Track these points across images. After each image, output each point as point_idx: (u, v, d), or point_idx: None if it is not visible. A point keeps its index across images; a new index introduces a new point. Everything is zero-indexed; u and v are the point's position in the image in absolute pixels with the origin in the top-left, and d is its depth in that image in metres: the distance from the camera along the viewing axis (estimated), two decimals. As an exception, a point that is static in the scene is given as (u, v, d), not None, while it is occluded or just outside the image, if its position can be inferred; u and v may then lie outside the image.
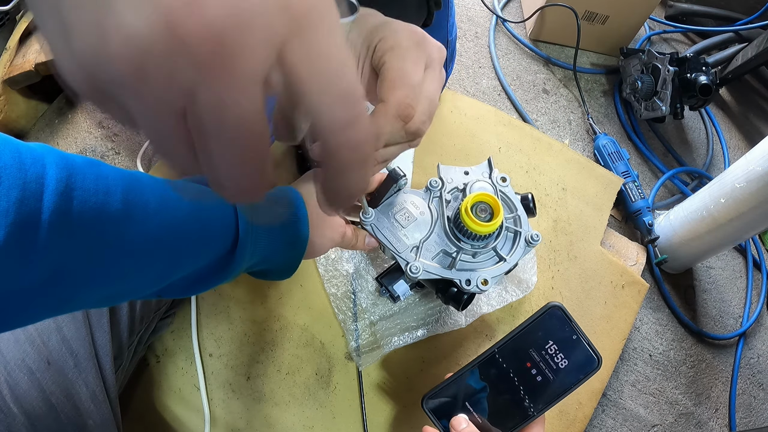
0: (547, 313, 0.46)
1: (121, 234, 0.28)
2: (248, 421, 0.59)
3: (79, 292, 0.28)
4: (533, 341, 0.45)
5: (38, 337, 0.42)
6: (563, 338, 0.45)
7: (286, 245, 0.40)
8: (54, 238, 0.25)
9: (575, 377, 0.44)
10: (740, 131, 1.05)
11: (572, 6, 0.94)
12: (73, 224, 0.26)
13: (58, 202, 0.25)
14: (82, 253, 0.26)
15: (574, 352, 0.45)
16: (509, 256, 0.49)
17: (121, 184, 0.29)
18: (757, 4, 1.05)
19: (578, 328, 0.45)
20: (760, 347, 0.83)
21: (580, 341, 0.45)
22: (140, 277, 0.31)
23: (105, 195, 0.27)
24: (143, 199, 0.30)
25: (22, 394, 0.40)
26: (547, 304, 0.46)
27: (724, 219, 0.70)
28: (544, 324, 0.46)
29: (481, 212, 0.47)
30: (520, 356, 0.45)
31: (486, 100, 0.96)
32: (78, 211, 0.26)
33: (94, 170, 0.28)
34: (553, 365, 0.45)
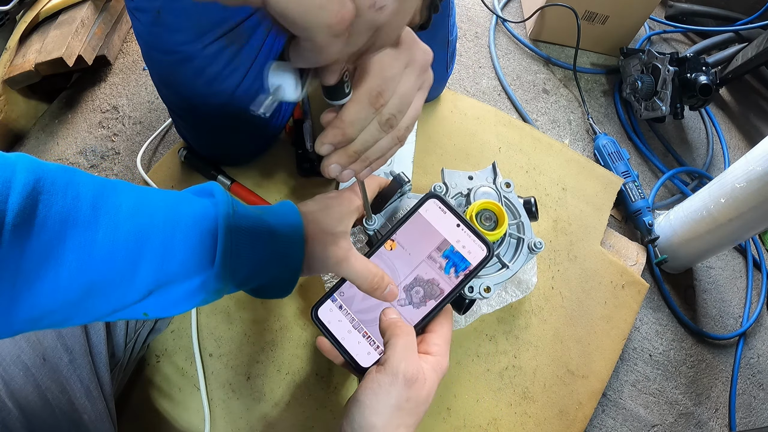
0: (425, 205, 0.44)
1: (86, 238, 0.28)
2: (248, 421, 0.59)
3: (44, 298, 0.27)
4: (418, 234, 0.43)
5: (33, 334, 0.42)
6: (448, 228, 0.43)
7: (275, 256, 0.38)
8: (16, 239, 0.25)
9: (464, 266, 0.42)
10: (740, 131, 1.05)
11: (572, 6, 0.94)
12: (36, 226, 0.26)
13: (22, 204, 0.25)
14: (41, 256, 0.27)
15: (460, 242, 0.43)
16: (512, 263, 0.49)
17: (92, 189, 0.29)
18: (757, 4, 1.05)
19: (461, 216, 0.43)
20: (760, 347, 0.83)
21: (464, 230, 0.43)
22: (109, 283, 0.30)
23: (73, 200, 0.28)
24: (114, 204, 0.30)
25: (17, 389, 0.40)
26: (424, 195, 0.44)
27: (724, 219, 0.70)
28: (425, 216, 0.43)
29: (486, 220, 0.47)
30: (406, 249, 0.43)
31: (486, 100, 0.96)
32: (43, 215, 0.26)
33: (65, 176, 0.28)
34: (441, 257, 0.43)
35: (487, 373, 0.64)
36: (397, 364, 0.35)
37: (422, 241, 0.43)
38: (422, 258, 0.43)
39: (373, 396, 0.35)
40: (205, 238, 0.34)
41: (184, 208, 0.34)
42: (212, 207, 0.35)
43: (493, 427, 0.61)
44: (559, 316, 0.68)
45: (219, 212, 0.35)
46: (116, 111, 0.88)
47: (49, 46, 0.79)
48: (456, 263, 0.42)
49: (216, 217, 0.34)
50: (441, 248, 0.42)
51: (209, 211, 0.35)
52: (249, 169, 0.74)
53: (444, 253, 0.42)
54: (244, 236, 0.35)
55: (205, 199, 0.36)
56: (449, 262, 0.42)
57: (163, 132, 0.85)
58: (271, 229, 0.38)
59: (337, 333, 0.42)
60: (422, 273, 0.42)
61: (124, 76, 0.92)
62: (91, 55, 0.85)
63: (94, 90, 0.90)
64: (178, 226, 0.33)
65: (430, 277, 0.42)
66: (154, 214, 0.32)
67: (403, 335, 0.38)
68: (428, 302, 0.42)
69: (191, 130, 0.70)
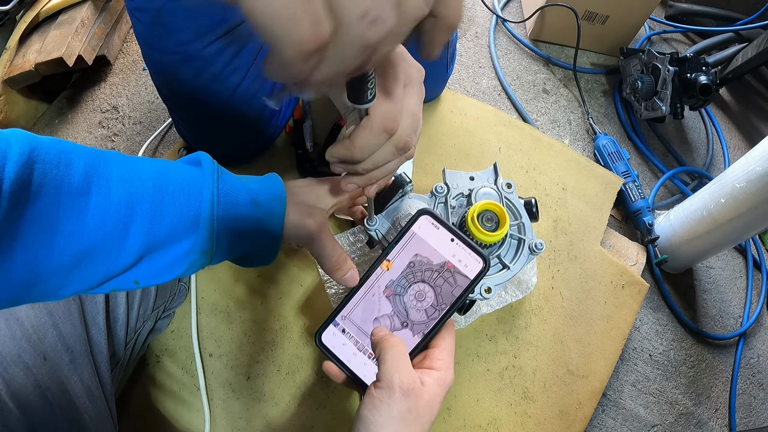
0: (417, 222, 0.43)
1: (80, 204, 0.30)
2: (248, 421, 0.59)
3: (40, 263, 0.29)
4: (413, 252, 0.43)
5: (34, 334, 0.42)
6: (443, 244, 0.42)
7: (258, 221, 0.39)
8: (13, 207, 0.26)
9: (465, 281, 0.42)
10: (740, 131, 1.05)
11: (572, 6, 0.94)
12: (33, 194, 0.27)
13: (18, 172, 0.27)
14: (38, 222, 0.28)
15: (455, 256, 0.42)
16: (513, 263, 0.49)
17: (84, 158, 0.30)
18: (757, 4, 1.05)
19: (454, 231, 0.42)
20: (760, 347, 0.83)
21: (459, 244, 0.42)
22: (104, 246, 0.31)
23: (66, 167, 0.29)
24: (106, 172, 0.31)
25: (18, 389, 0.40)
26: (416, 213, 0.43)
27: (724, 219, 0.70)
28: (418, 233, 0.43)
29: (488, 221, 0.47)
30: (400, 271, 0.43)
31: (486, 100, 0.96)
32: (38, 183, 0.28)
33: (58, 146, 0.29)
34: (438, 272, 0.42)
35: (487, 373, 0.64)
36: (390, 376, 0.35)
37: (418, 259, 0.43)
38: (420, 275, 0.42)
39: (375, 411, 0.35)
40: (191, 203, 0.35)
41: (172, 174, 0.35)
42: (198, 173, 0.36)
43: (493, 427, 0.61)
44: (559, 316, 0.68)
45: (205, 178, 0.36)
46: (116, 111, 0.88)
47: (49, 46, 0.79)
48: (453, 278, 0.42)
49: (201, 183, 0.36)
50: (437, 264, 0.42)
51: (195, 177, 0.36)
52: (249, 169, 0.74)
53: (440, 269, 0.42)
54: (229, 201, 0.37)
55: (192, 167, 0.37)
56: (446, 278, 0.42)
57: (163, 132, 0.85)
58: (255, 196, 0.39)
59: (342, 356, 0.42)
60: (421, 290, 0.42)
61: (124, 76, 0.92)
62: (91, 55, 0.85)
63: (94, 90, 0.90)
64: (166, 191, 0.34)
65: (429, 294, 0.42)
66: (143, 180, 0.33)
67: (391, 348, 0.37)
68: (428, 319, 0.42)
69: (191, 130, 0.70)
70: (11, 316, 0.42)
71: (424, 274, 0.42)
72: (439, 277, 0.42)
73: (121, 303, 0.50)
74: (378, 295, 0.42)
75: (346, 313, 0.43)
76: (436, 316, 0.41)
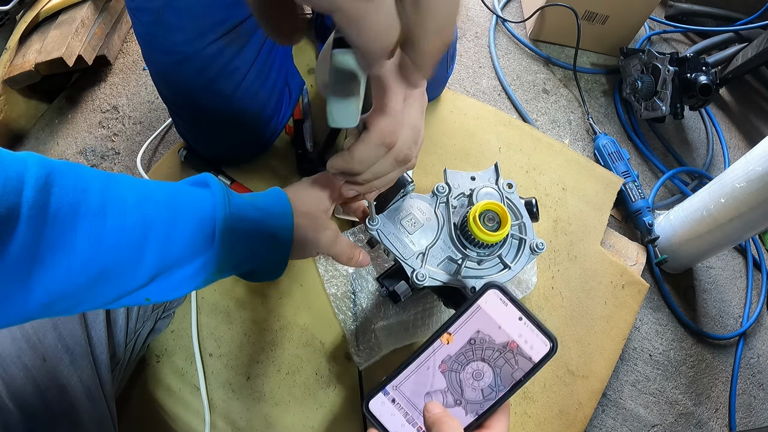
0: (484, 296, 0.41)
1: (96, 227, 0.30)
2: (248, 421, 0.59)
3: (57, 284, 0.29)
4: (475, 328, 0.41)
5: (34, 335, 0.42)
6: (509, 321, 0.41)
7: (267, 238, 0.40)
8: (31, 231, 0.27)
9: (528, 364, 0.40)
10: (740, 131, 1.05)
11: (572, 6, 0.94)
12: (50, 217, 0.28)
13: (36, 197, 0.27)
14: (56, 245, 0.28)
15: (522, 336, 0.41)
16: (514, 263, 0.49)
17: (99, 182, 0.31)
18: (757, 4, 1.05)
19: (524, 309, 0.40)
20: (760, 347, 0.83)
21: (527, 324, 0.41)
22: (118, 268, 0.32)
23: (83, 192, 0.30)
24: (121, 195, 0.32)
25: (17, 390, 0.40)
26: (484, 285, 0.41)
27: (724, 219, 0.70)
28: (484, 308, 0.41)
29: (489, 221, 0.46)
30: (459, 347, 0.41)
31: (486, 100, 0.96)
32: (55, 207, 0.28)
33: (74, 170, 0.30)
34: (499, 352, 0.40)
35: (487, 373, 0.64)
36: None
37: (480, 336, 0.41)
38: (481, 353, 0.41)
39: None
40: (203, 224, 0.36)
41: (183, 197, 0.36)
42: (209, 195, 0.37)
43: (493, 427, 0.61)
44: (559, 316, 0.68)
45: (216, 200, 0.37)
46: (116, 111, 0.88)
47: (49, 46, 0.79)
48: (515, 359, 0.40)
49: (213, 204, 0.36)
50: (500, 343, 0.40)
51: (206, 199, 0.37)
52: (249, 169, 0.74)
53: (503, 349, 0.40)
54: (239, 221, 0.38)
55: (201, 189, 0.38)
56: (508, 359, 0.40)
57: (163, 132, 0.85)
58: (263, 214, 0.40)
59: (389, 426, 0.40)
60: (480, 369, 0.40)
61: (124, 76, 0.92)
62: (91, 55, 0.85)
63: (94, 90, 0.90)
64: (178, 214, 0.35)
65: (488, 374, 0.40)
66: (156, 203, 0.34)
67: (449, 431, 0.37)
68: (484, 399, 0.40)
69: (191, 130, 0.70)
70: None
71: (485, 352, 0.40)
72: (501, 358, 0.40)
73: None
74: (433, 369, 0.41)
75: (397, 383, 0.41)
76: (492, 397, 0.40)
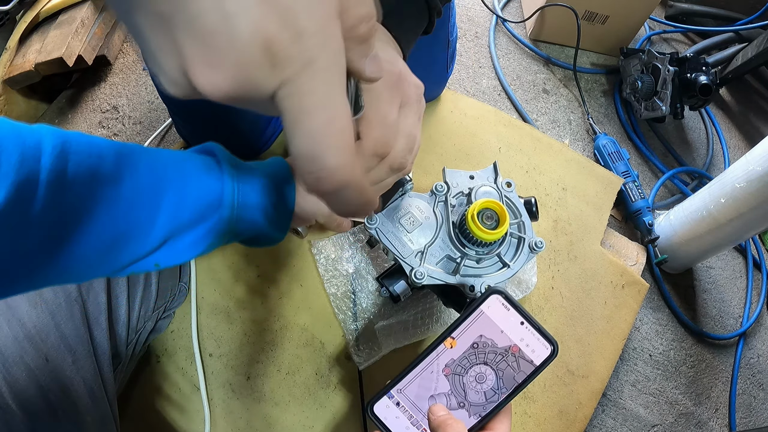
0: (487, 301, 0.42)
1: (112, 192, 0.31)
2: (248, 421, 0.59)
3: (74, 245, 0.30)
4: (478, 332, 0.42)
5: (37, 335, 0.42)
6: (511, 326, 0.41)
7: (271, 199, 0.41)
8: (51, 196, 0.28)
9: (530, 367, 0.41)
10: (740, 131, 1.05)
11: (572, 6, 0.94)
12: (68, 183, 0.29)
13: (54, 163, 0.28)
14: (75, 209, 0.29)
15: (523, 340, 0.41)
16: (513, 262, 0.49)
17: (113, 149, 0.32)
18: (757, 4, 1.05)
19: (525, 313, 0.41)
20: (760, 347, 0.83)
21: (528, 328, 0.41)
22: (133, 231, 0.33)
23: (98, 158, 0.31)
24: (133, 161, 0.33)
25: (20, 391, 0.40)
26: (487, 291, 0.42)
27: (724, 219, 0.70)
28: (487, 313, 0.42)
29: (487, 219, 0.46)
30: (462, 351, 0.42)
31: (486, 100, 0.96)
32: (73, 172, 0.29)
33: (87, 139, 0.31)
34: (502, 356, 0.41)
35: (487, 373, 0.64)
36: None
37: (483, 340, 0.41)
38: (483, 357, 0.41)
39: None
40: (212, 189, 0.37)
41: (191, 162, 0.38)
42: (214, 161, 0.39)
43: (493, 427, 0.61)
44: (559, 316, 0.68)
45: (221, 165, 0.39)
46: (116, 111, 0.88)
47: (49, 46, 0.79)
48: (517, 363, 0.41)
49: (219, 169, 0.38)
50: (502, 347, 0.41)
51: (213, 164, 0.39)
52: (249, 169, 0.74)
53: (505, 353, 0.41)
54: (245, 185, 0.40)
55: (207, 155, 0.40)
56: (510, 362, 0.41)
57: (163, 132, 0.85)
58: (267, 178, 0.42)
59: (394, 429, 0.41)
60: (482, 372, 0.41)
61: (124, 76, 0.92)
62: (91, 55, 0.85)
63: (94, 90, 0.90)
64: (188, 178, 0.36)
65: (491, 377, 0.41)
66: (167, 169, 0.35)
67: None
68: (487, 402, 0.41)
69: (191, 131, 0.70)
70: (13, 318, 0.42)
71: (488, 356, 0.41)
72: (503, 361, 0.41)
73: (123, 303, 0.50)
74: (437, 372, 0.41)
75: (401, 386, 0.42)
76: (495, 399, 0.40)
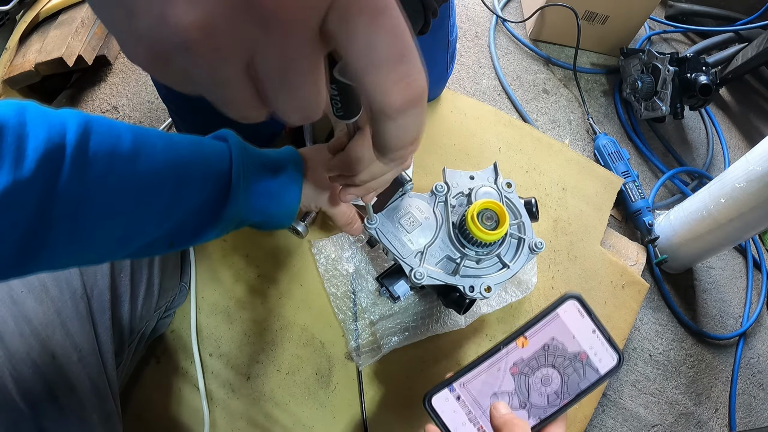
0: (563, 305, 0.42)
1: (131, 169, 0.33)
2: (248, 421, 0.59)
3: (96, 222, 0.32)
4: (551, 335, 0.42)
5: (43, 332, 0.42)
6: (583, 332, 0.42)
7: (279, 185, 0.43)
8: (75, 171, 0.30)
9: (594, 375, 0.41)
10: (740, 131, 1.05)
11: (572, 6, 0.94)
12: (90, 160, 0.30)
13: (78, 140, 0.30)
14: (97, 185, 0.31)
15: (593, 348, 0.42)
16: (513, 263, 0.49)
17: (131, 131, 0.34)
18: (757, 4, 1.05)
19: (598, 322, 0.41)
20: (760, 347, 0.83)
21: (599, 337, 0.42)
22: (150, 209, 0.34)
23: (117, 138, 0.32)
24: (150, 142, 0.35)
25: (27, 387, 0.40)
26: (565, 295, 0.42)
27: (724, 219, 0.70)
28: (562, 317, 0.42)
29: (487, 220, 0.46)
30: (533, 351, 0.42)
31: (486, 100, 0.96)
32: (94, 150, 0.31)
33: (107, 121, 0.33)
34: (570, 361, 0.41)
35: (487, 373, 0.64)
36: None
37: (554, 343, 0.41)
38: (552, 360, 0.41)
39: None
40: (224, 172, 0.39)
41: (205, 146, 0.39)
42: (226, 145, 0.41)
43: (493, 427, 0.61)
44: (559, 316, 0.68)
45: (233, 150, 0.40)
46: (116, 111, 0.88)
47: (49, 46, 0.79)
48: (583, 370, 0.41)
49: (231, 154, 0.40)
50: (571, 353, 0.41)
51: (224, 149, 0.40)
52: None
53: (573, 358, 0.41)
54: (256, 168, 0.41)
55: (220, 141, 0.42)
56: (577, 368, 0.41)
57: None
58: (277, 163, 0.43)
59: (450, 424, 0.40)
60: (549, 375, 0.41)
61: (124, 76, 0.92)
62: (91, 55, 0.85)
63: (94, 90, 0.90)
64: (204, 159, 0.38)
65: (556, 381, 0.41)
66: (182, 150, 0.37)
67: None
68: (548, 405, 0.41)
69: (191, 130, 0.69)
70: (20, 314, 0.42)
71: (557, 359, 0.41)
72: (570, 366, 0.41)
73: (126, 301, 0.50)
74: (504, 370, 0.41)
75: (465, 381, 0.41)
76: (557, 404, 0.40)
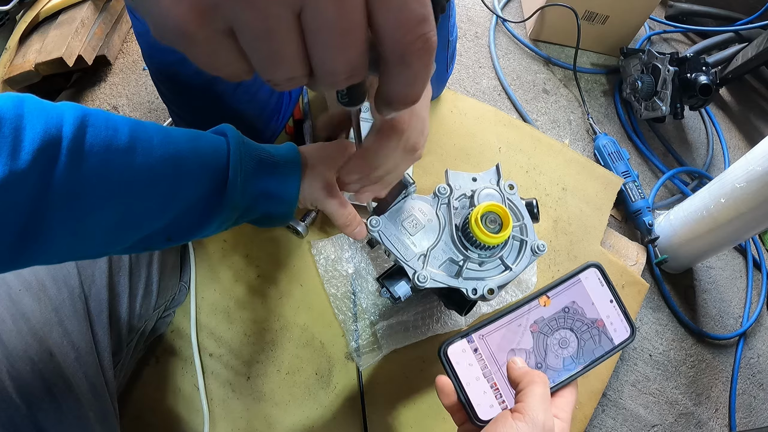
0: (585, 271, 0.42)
1: (127, 162, 0.33)
2: (248, 421, 0.59)
3: (91, 215, 0.32)
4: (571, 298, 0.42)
5: (40, 330, 0.42)
6: (601, 300, 0.42)
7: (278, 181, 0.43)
8: (71, 163, 0.30)
9: (609, 344, 0.41)
10: (740, 131, 1.05)
11: (572, 6, 0.94)
12: (87, 152, 0.31)
13: (75, 132, 0.30)
14: (93, 178, 0.31)
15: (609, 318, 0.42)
16: (515, 265, 0.49)
17: (128, 124, 0.34)
18: (757, 4, 1.05)
19: (616, 293, 0.42)
20: (760, 347, 0.83)
21: (616, 307, 0.42)
22: (146, 202, 0.34)
23: (114, 131, 0.32)
24: (147, 136, 0.35)
25: (25, 385, 0.40)
26: (587, 263, 0.43)
27: (724, 219, 0.70)
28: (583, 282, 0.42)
29: (491, 223, 0.46)
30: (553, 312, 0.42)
31: (486, 100, 0.96)
32: (90, 143, 0.31)
33: (104, 114, 0.33)
34: (587, 326, 0.41)
35: (487, 373, 0.64)
36: (536, 413, 0.34)
37: (575, 306, 0.42)
38: (571, 323, 0.41)
39: None
40: (222, 166, 0.39)
41: (203, 140, 0.39)
42: (224, 140, 0.41)
43: (493, 427, 0.61)
44: (559, 316, 0.68)
45: (231, 144, 0.40)
46: (116, 111, 0.88)
47: (49, 46, 0.79)
48: (599, 337, 0.41)
49: (229, 148, 0.40)
50: (589, 319, 0.42)
51: (222, 143, 0.40)
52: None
53: (591, 324, 0.41)
54: (253, 163, 0.41)
55: (219, 136, 0.42)
56: (593, 335, 0.41)
57: (163, 132, 0.85)
58: (275, 159, 0.43)
59: (463, 377, 0.39)
60: (566, 338, 0.41)
61: (124, 76, 0.92)
62: (91, 55, 0.85)
63: (94, 90, 0.90)
64: (201, 154, 0.38)
65: (573, 344, 0.41)
66: (180, 144, 0.36)
67: (541, 384, 0.36)
68: (563, 369, 0.41)
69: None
70: (17, 312, 0.42)
71: (575, 323, 0.41)
72: (587, 332, 0.41)
73: (124, 301, 0.50)
74: (524, 327, 0.41)
75: (485, 333, 0.41)
76: (571, 368, 0.40)
